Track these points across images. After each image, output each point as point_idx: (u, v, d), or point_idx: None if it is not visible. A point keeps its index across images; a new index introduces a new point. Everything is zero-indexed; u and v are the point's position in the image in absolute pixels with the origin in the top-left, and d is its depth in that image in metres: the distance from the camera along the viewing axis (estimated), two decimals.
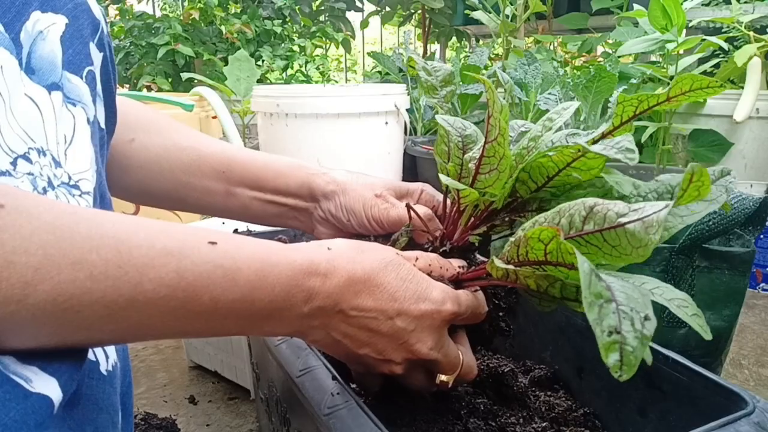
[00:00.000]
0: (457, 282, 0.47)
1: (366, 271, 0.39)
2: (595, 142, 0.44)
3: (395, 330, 0.40)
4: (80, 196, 0.36)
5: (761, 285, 1.45)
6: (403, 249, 0.48)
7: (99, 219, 0.30)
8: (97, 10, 0.42)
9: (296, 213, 0.59)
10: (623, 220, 0.34)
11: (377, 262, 0.40)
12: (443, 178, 0.47)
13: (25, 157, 0.33)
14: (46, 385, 0.28)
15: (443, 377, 0.44)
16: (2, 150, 0.31)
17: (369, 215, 0.55)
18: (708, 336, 0.33)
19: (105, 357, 0.35)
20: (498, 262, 0.39)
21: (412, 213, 0.52)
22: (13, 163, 0.32)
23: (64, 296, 0.27)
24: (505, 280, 0.41)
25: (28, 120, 0.33)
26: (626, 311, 0.28)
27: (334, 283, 0.38)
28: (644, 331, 0.28)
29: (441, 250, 0.51)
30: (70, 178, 0.36)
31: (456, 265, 0.48)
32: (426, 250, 0.51)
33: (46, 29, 0.36)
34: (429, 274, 0.44)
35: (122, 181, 0.56)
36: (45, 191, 0.34)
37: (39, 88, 0.35)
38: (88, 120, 0.38)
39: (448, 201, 0.56)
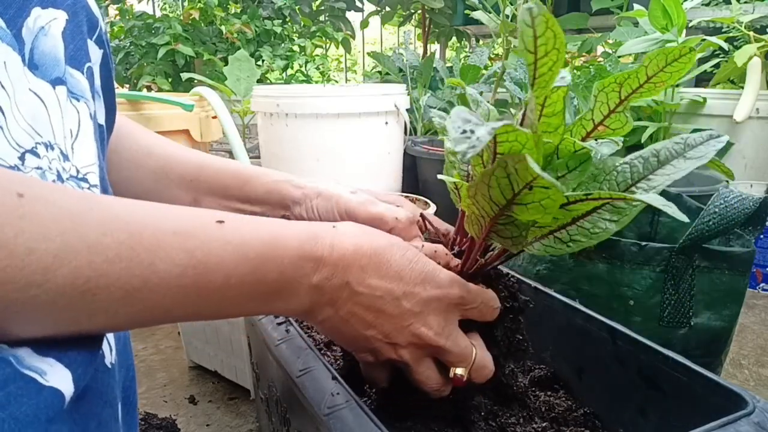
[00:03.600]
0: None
1: (372, 246, 0.40)
2: (588, 133, 0.45)
3: (401, 311, 0.40)
4: (89, 188, 0.37)
5: (761, 285, 1.45)
6: None
7: (110, 203, 0.31)
8: (95, 8, 0.42)
9: None
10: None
11: (383, 240, 0.41)
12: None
13: (33, 151, 0.33)
14: (59, 378, 0.29)
15: (458, 370, 0.43)
16: (10, 145, 0.32)
17: (341, 209, 0.53)
18: (682, 217, 0.33)
19: (109, 349, 0.35)
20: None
21: (426, 223, 0.52)
22: (21, 158, 0.32)
23: (82, 279, 0.28)
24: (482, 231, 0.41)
25: (34, 115, 0.33)
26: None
27: (341, 252, 0.38)
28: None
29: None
30: (78, 171, 0.36)
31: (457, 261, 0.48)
32: None
33: (48, 25, 0.36)
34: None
35: None
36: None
37: (43, 83, 0.35)
38: (90, 115, 0.38)
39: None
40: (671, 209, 0.33)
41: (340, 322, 0.40)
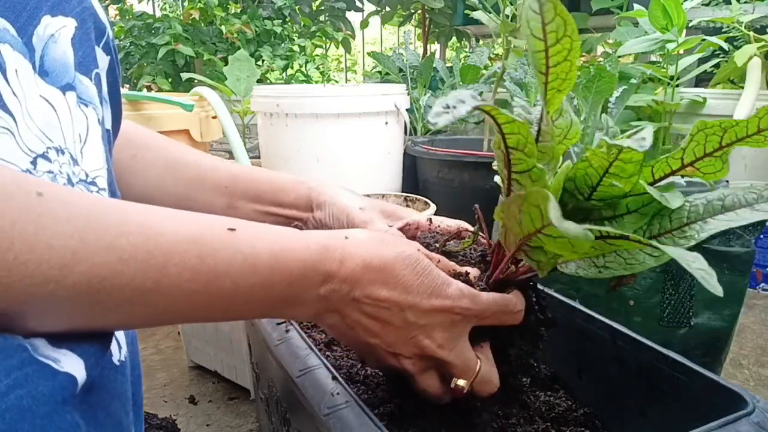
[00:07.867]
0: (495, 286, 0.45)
1: (383, 260, 0.40)
2: (672, 171, 0.41)
3: (405, 323, 0.41)
4: (97, 192, 0.38)
5: (761, 285, 1.45)
6: None
7: (126, 207, 0.32)
8: (102, 15, 0.43)
9: (291, 223, 0.60)
10: None
11: (395, 254, 0.41)
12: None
13: (44, 156, 0.34)
14: (73, 365, 0.30)
15: (459, 381, 0.43)
16: (21, 150, 0.32)
17: (349, 225, 0.56)
18: (718, 291, 0.31)
19: (118, 348, 0.36)
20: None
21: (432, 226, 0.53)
22: (33, 162, 0.33)
23: (98, 278, 0.29)
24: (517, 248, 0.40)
25: (45, 120, 0.34)
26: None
27: (350, 268, 0.39)
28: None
29: (477, 285, 0.46)
30: (87, 175, 0.37)
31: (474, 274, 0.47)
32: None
33: (57, 32, 0.37)
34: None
35: (122, 196, 0.57)
36: None
37: (53, 90, 0.36)
38: (98, 120, 0.39)
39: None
40: (707, 280, 0.31)
41: (346, 329, 0.41)
